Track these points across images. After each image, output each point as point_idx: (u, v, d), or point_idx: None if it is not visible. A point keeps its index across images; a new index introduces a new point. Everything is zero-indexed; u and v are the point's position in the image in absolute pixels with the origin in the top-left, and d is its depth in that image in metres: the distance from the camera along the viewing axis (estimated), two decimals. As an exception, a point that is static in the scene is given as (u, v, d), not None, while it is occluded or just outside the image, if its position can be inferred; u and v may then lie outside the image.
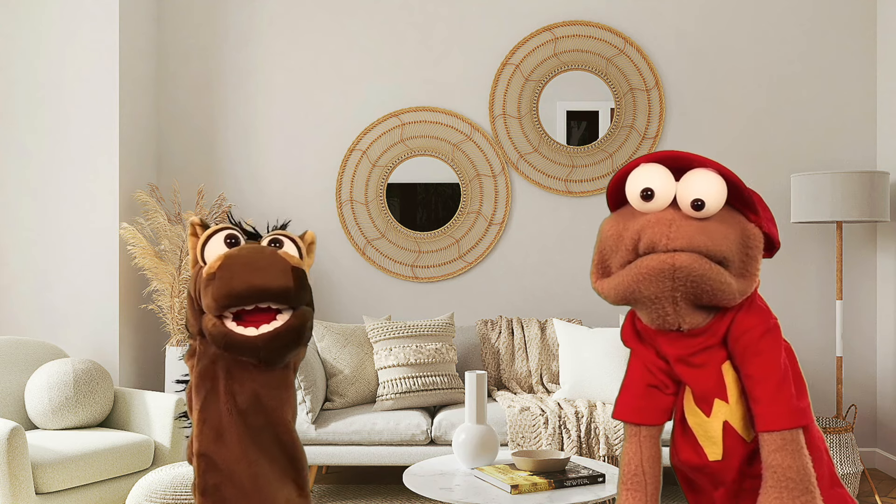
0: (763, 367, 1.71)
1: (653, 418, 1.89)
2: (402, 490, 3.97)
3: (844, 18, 4.68)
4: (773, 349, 1.73)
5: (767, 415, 1.68)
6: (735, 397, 1.77)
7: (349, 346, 4.15)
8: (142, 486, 2.78)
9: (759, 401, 1.70)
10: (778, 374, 1.71)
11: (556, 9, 4.73)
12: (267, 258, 1.57)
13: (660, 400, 1.88)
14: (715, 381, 1.78)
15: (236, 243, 1.66)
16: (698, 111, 4.71)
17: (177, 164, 4.77)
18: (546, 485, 2.73)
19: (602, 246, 1.78)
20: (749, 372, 1.72)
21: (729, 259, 1.68)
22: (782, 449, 1.66)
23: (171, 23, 4.78)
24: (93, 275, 4.26)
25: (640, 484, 1.87)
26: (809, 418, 1.74)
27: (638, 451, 1.88)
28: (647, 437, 1.88)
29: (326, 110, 4.76)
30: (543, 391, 4.23)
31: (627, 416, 1.90)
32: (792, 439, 1.67)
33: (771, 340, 1.74)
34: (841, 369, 4.19)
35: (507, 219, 4.74)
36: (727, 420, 1.78)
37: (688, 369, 1.80)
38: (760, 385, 1.70)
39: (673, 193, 1.71)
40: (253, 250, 1.59)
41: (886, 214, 4.15)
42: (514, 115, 4.72)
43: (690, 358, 1.79)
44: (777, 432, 1.67)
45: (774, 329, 1.77)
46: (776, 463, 1.65)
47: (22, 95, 4.27)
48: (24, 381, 3.58)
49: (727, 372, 1.77)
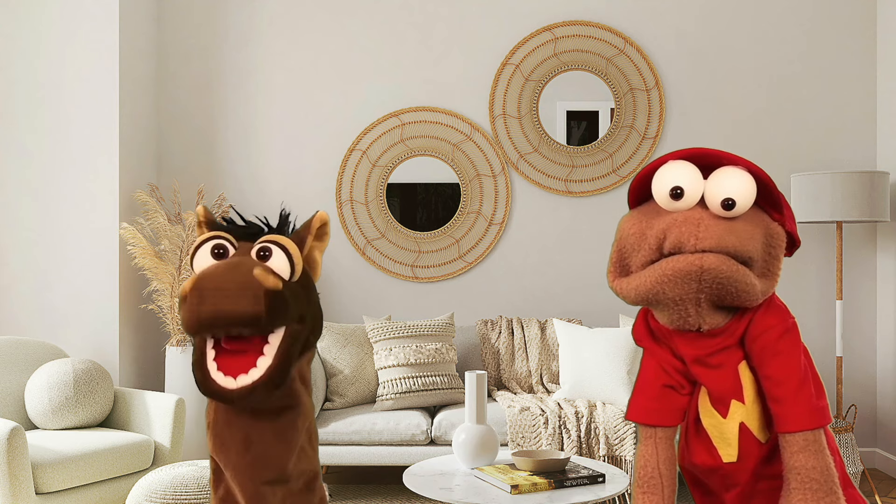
0: (783, 368, 1.68)
1: (669, 419, 1.84)
2: (402, 490, 3.97)
3: (844, 18, 4.68)
4: (792, 349, 1.70)
5: (789, 415, 1.65)
6: (751, 398, 1.74)
7: (349, 346, 4.15)
8: (142, 486, 2.78)
9: (780, 401, 1.67)
10: (798, 375, 1.68)
11: (556, 9, 4.73)
12: (238, 281, 1.47)
13: (675, 400, 1.83)
14: (732, 382, 1.75)
15: (224, 254, 1.61)
16: (698, 111, 4.71)
17: (177, 164, 4.77)
18: (546, 485, 2.73)
19: (622, 244, 1.72)
20: (768, 372, 1.69)
21: (754, 259, 1.65)
22: (805, 450, 1.63)
23: (171, 23, 4.78)
24: (93, 275, 4.26)
25: (657, 487, 1.82)
26: (829, 418, 1.72)
27: (654, 453, 1.83)
28: (662, 438, 1.83)
29: (326, 110, 4.76)
30: (543, 391, 4.23)
31: (643, 417, 1.85)
32: (815, 440, 1.65)
33: (790, 340, 1.71)
34: (841, 369, 4.19)
35: (507, 219, 4.74)
36: (743, 421, 1.75)
37: (704, 370, 1.76)
38: (780, 385, 1.67)
39: (701, 192, 1.66)
40: (227, 270, 1.49)
41: (886, 214, 4.15)
42: (514, 115, 4.72)
43: (707, 358, 1.75)
44: (800, 433, 1.64)
45: (793, 329, 1.74)
46: (800, 464, 1.63)
47: (22, 95, 4.27)
48: (24, 381, 3.58)
49: (744, 372, 1.75)
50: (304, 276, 1.65)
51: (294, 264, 1.61)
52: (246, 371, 1.52)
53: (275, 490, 1.63)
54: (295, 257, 1.61)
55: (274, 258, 1.60)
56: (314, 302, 1.68)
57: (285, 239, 1.63)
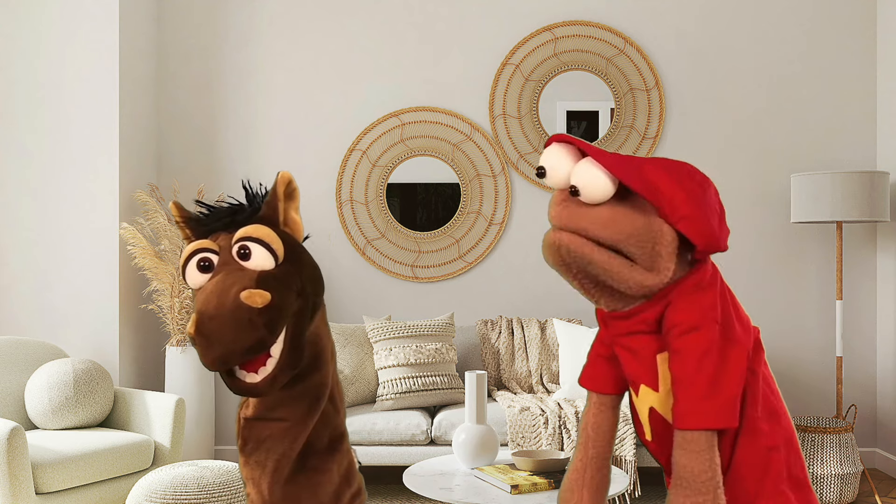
0: (676, 366, 1.72)
1: (601, 387, 1.95)
2: (402, 490, 3.96)
3: (844, 18, 4.68)
4: (692, 348, 1.71)
5: (676, 412, 1.71)
6: (666, 389, 1.78)
7: (349, 346, 4.15)
8: (142, 486, 2.78)
9: (675, 398, 1.72)
10: (689, 375, 1.70)
11: (556, 9, 4.73)
12: (231, 318, 1.51)
13: (608, 370, 1.93)
14: (645, 368, 1.80)
15: (209, 266, 1.62)
16: (698, 111, 4.71)
17: (177, 164, 4.77)
18: (546, 485, 2.73)
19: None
20: (669, 367, 1.74)
21: (625, 249, 1.70)
22: (680, 447, 1.69)
23: (171, 23, 4.78)
24: (93, 275, 4.26)
25: (583, 445, 1.95)
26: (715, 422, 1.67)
27: (588, 414, 1.96)
28: (595, 403, 1.94)
29: (326, 110, 4.76)
30: (543, 391, 4.23)
31: (583, 381, 1.99)
32: (693, 439, 1.68)
33: (693, 339, 1.71)
34: (841, 369, 4.19)
35: (507, 219, 4.74)
36: (653, 407, 1.81)
37: (622, 350, 1.84)
38: (675, 383, 1.72)
39: (567, 176, 1.75)
40: (218, 302, 1.53)
41: (886, 214, 4.15)
42: (514, 115, 4.72)
43: (621, 339, 1.83)
44: (679, 431, 1.69)
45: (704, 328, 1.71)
46: (675, 461, 1.70)
47: (22, 95, 4.27)
48: (24, 381, 3.58)
49: (661, 363, 1.78)
50: (288, 248, 1.64)
51: (275, 250, 1.62)
52: (264, 363, 1.58)
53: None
54: (274, 244, 1.62)
55: (254, 256, 1.61)
56: (307, 265, 1.67)
57: (259, 229, 1.63)
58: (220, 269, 1.61)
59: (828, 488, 3.83)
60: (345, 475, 1.75)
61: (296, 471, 1.67)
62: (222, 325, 1.52)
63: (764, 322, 4.69)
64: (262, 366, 1.58)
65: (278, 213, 1.70)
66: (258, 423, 1.65)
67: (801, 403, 4.58)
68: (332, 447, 1.73)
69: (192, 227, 1.72)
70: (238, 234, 1.63)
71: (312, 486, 1.69)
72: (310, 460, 1.69)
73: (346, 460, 1.76)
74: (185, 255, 1.65)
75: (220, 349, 1.52)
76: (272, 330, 1.55)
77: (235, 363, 1.55)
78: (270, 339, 1.55)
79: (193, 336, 1.53)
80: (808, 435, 3.88)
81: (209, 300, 1.55)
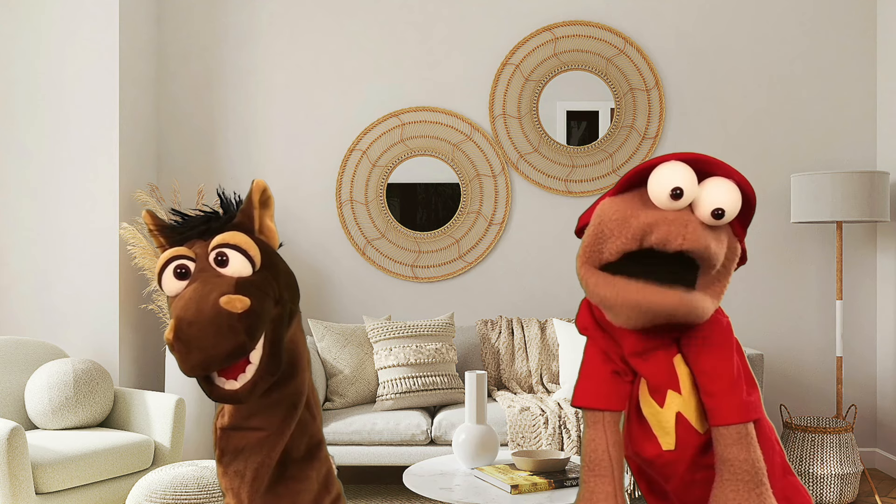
0: (716, 363, 1.75)
1: (616, 404, 1.88)
2: (402, 490, 3.96)
3: (844, 18, 4.68)
4: (725, 345, 1.77)
5: (721, 409, 1.72)
6: (688, 389, 1.80)
7: (349, 346, 4.16)
8: (142, 486, 2.78)
9: (713, 395, 1.73)
10: (731, 370, 1.75)
11: (556, 9, 4.73)
12: (211, 323, 1.50)
13: (621, 387, 1.88)
14: (667, 374, 1.80)
15: (186, 273, 1.62)
16: (698, 111, 4.71)
17: (177, 164, 4.77)
18: (546, 485, 2.73)
19: (602, 227, 1.74)
20: (703, 367, 1.75)
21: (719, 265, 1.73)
22: (737, 443, 1.69)
23: (171, 23, 4.78)
24: (93, 275, 4.26)
25: (608, 469, 1.85)
26: (760, 412, 1.78)
27: (603, 436, 1.86)
28: (610, 422, 1.87)
29: (326, 110, 4.76)
30: (543, 391, 4.23)
31: (592, 402, 1.87)
32: (746, 433, 1.71)
33: (723, 336, 1.77)
34: (841, 369, 4.19)
35: (507, 219, 4.74)
36: (680, 411, 1.80)
37: (641, 361, 1.82)
38: (714, 380, 1.74)
39: (694, 196, 1.70)
40: (197, 308, 1.52)
41: (886, 214, 4.15)
42: (514, 115, 4.72)
43: (644, 352, 1.82)
44: (732, 426, 1.70)
45: (727, 327, 1.81)
46: (732, 457, 1.68)
47: (22, 95, 4.27)
48: (24, 381, 3.58)
49: (678, 365, 1.80)
50: (264, 255, 1.64)
51: (252, 257, 1.62)
52: (244, 369, 1.58)
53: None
54: (251, 251, 1.62)
55: (231, 263, 1.61)
56: (283, 273, 1.67)
57: (236, 235, 1.63)
58: (197, 276, 1.61)
59: (828, 488, 3.83)
60: (324, 482, 1.75)
61: (275, 479, 1.66)
62: (202, 331, 1.51)
63: (764, 322, 4.71)
64: (241, 372, 1.57)
65: (254, 221, 1.70)
66: (235, 433, 1.64)
67: (801, 403, 4.58)
68: (311, 455, 1.72)
69: (166, 236, 1.73)
70: (215, 241, 1.63)
71: (292, 494, 1.68)
72: (288, 469, 1.69)
73: (325, 467, 1.76)
74: (161, 263, 1.65)
75: (199, 355, 1.50)
76: (252, 335, 1.54)
77: (215, 369, 1.54)
78: (250, 344, 1.55)
79: (172, 342, 1.52)
80: (808, 435, 3.89)
81: (188, 306, 1.54)
